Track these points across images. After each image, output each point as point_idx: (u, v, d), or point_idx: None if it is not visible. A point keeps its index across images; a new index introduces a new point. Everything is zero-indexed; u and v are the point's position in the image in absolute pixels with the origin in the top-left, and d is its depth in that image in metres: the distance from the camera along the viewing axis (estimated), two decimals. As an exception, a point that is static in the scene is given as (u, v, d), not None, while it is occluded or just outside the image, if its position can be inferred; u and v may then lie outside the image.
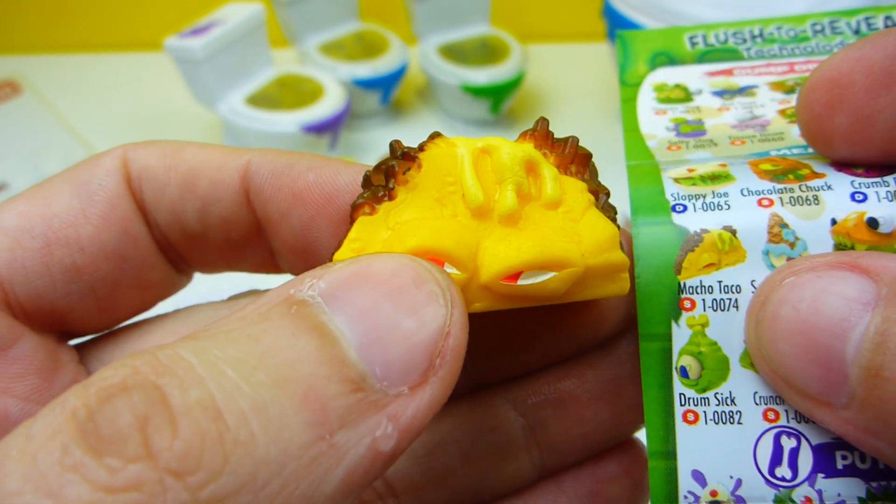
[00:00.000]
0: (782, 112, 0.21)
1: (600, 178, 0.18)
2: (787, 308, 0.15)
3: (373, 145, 0.67)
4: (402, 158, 0.16)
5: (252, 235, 0.19)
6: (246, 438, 0.11)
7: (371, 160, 0.64)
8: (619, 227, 0.17)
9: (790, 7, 0.53)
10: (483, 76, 0.63)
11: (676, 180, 0.19)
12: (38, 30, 0.81)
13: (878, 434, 0.15)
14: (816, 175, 0.18)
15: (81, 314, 0.19)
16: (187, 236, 0.19)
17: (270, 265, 0.20)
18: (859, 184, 0.17)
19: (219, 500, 0.11)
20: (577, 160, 0.17)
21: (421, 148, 0.16)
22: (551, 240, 0.16)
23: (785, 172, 0.18)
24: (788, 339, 0.15)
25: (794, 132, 0.20)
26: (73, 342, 0.20)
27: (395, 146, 0.16)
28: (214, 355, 0.12)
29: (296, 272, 0.20)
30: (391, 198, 0.16)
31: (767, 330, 0.16)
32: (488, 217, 0.16)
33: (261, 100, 0.60)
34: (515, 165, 0.16)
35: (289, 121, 0.58)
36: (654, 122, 0.22)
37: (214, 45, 0.57)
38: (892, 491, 0.17)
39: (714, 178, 0.18)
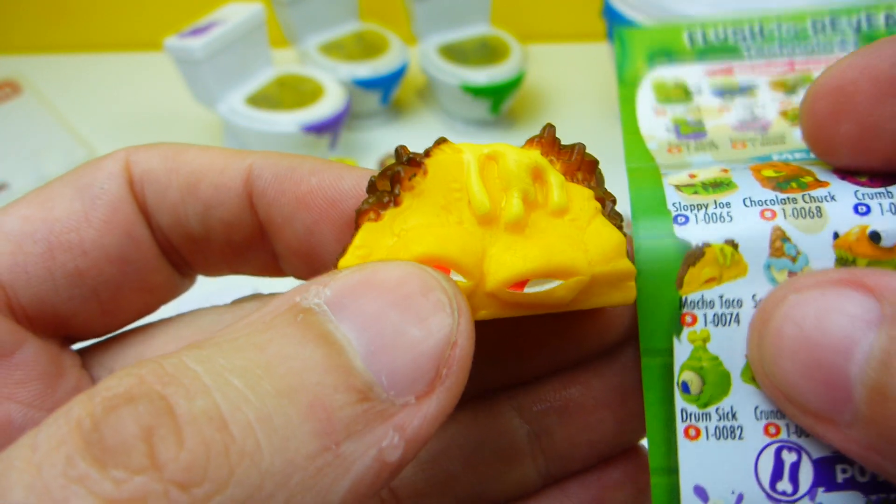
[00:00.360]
0: (783, 113, 0.21)
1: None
2: (790, 325, 0.15)
3: (373, 145, 0.67)
4: (407, 164, 0.16)
5: (255, 239, 0.19)
6: (252, 449, 0.11)
7: (371, 160, 0.64)
8: (625, 234, 0.17)
9: (789, 1, 0.53)
10: (483, 76, 0.63)
11: (678, 188, 0.18)
12: (38, 30, 0.81)
13: (881, 452, 0.15)
14: (820, 184, 0.18)
15: (84, 318, 0.19)
16: (190, 239, 0.19)
17: (273, 268, 0.20)
18: (863, 194, 0.17)
19: None
20: (583, 167, 0.17)
21: (427, 154, 0.16)
22: (558, 248, 0.16)
23: (788, 180, 0.18)
24: (792, 357, 0.15)
25: (795, 135, 0.20)
26: (76, 346, 0.20)
27: (400, 151, 0.16)
28: (220, 364, 0.12)
29: (299, 276, 0.20)
30: (396, 204, 0.16)
31: (770, 347, 0.16)
32: (494, 224, 0.16)
33: (261, 100, 0.60)
34: (522, 172, 0.16)
35: (289, 121, 0.58)
36: (654, 123, 0.22)
37: (214, 45, 0.57)
38: (890, 503, 0.17)
39: (716, 185, 0.18)
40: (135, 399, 0.12)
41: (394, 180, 0.16)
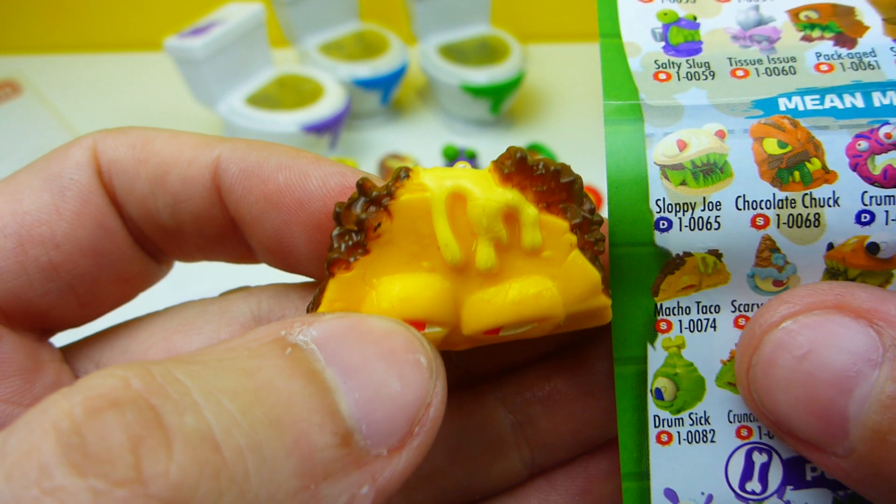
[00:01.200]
0: (794, 15, 0.18)
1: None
2: (785, 356, 0.15)
3: (373, 145, 0.66)
4: (373, 203, 0.15)
5: (227, 231, 0.19)
6: (241, 477, 0.11)
7: (371, 160, 0.64)
8: (601, 251, 0.16)
9: None
10: (483, 76, 0.63)
11: (664, 171, 0.16)
12: (38, 30, 0.81)
13: (873, 486, 0.15)
14: (826, 176, 0.16)
15: (62, 311, 0.18)
16: (162, 230, 0.19)
17: (249, 257, 0.20)
18: (870, 198, 0.16)
19: None
20: (558, 191, 0.16)
21: (391, 194, 0.15)
22: (531, 295, 0.15)
23: (791, 165, 0.16)
24: (786, 389, 0.15)
25: (808, 58, 0.17)
26: (64, 341, 0.19)
27: (364, 186, 0.15)
28: (210, 382, 0.12)
29: (275, 266, 0.20)
30: (366, 252, 0.15)
31: (763, 375, 0.16)
32: (467, 269, 0.15)
33: (261, 100, 0.60)
34: (491, 221, 0.15)
35: (289, 121, 0.58)
36: (639, 18, 0.18)
37: (214, 45, 0.57)
38: (857, 498, 0.17)
39: (708, 169, 0.16)
40: (121, 405, 0.11)
41: (360, 226, 0.15)
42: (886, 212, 0.16)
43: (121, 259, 0.18)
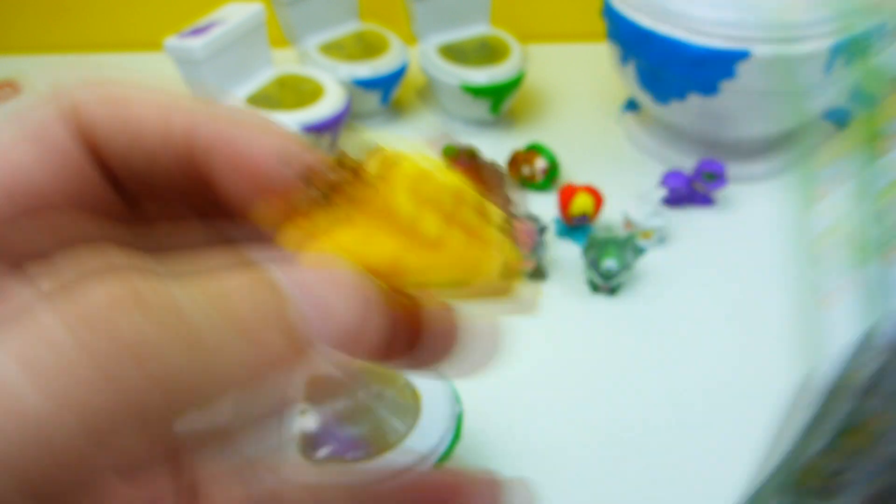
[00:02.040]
0: None
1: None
2: None
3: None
4: (342, 168, 0.17)
5: (199, 188, 0.19)
6: (195, 340, 0.13)
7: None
8: (533, 234, 0.18)
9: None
10: (483, 76, 0.63)
11: None
12: (38, 30, 0.81)
13: None
14: None
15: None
16: (139, 182, 0.19)
17: (223, 216, 0.21)
18: None
19: None
20: (493, 183, 0.19)
21: (362, 163, 0.17)
22: (465, 258, 0.18)
23: None
24: None
25: None
26: None
27: (342, 158, 0.17)
28: (178, 283, 0.14)
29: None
30: (330, 208, 0.17)
31: None
32: (415, 236, 0.18)
33: (261, 100, 0.60)
34: (443, 195, 0.18)
35: (289, 121, 0.58)
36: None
37: (214, 45, 0.57)
38: None
39: None
40: (101, 274, 0.13)
41: (331, 188, 0.17)
42: None
43: (99, 206, 0.19)
